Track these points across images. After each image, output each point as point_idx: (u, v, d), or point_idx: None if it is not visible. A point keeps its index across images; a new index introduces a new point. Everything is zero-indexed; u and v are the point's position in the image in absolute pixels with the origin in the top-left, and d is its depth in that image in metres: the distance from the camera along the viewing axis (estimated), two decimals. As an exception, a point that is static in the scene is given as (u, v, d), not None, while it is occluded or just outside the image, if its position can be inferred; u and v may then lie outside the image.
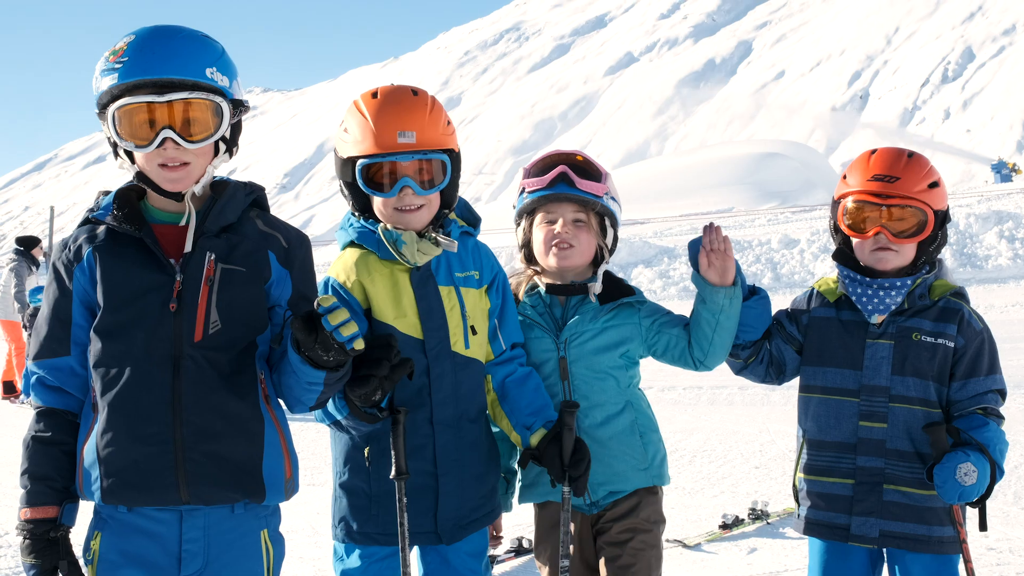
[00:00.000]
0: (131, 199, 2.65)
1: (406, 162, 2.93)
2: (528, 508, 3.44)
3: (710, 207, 45.99)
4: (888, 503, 3.18)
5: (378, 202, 2.98)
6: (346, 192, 3.04)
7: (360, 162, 2.94)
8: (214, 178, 2.69)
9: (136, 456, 2.50)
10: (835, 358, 3.28)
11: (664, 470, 3.36)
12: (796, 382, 3.46)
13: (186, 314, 2.54)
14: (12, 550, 6.06)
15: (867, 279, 3.25)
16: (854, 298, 3.28)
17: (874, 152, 3.32)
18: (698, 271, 3.25)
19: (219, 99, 2.57)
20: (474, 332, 3.06)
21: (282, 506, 2.77)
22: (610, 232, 3.35)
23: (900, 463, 3.18)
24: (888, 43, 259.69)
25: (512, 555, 5.59)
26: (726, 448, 8.09)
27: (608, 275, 3.37)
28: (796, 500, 3.38)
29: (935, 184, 3.23)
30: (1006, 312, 15.23)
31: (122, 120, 2.53)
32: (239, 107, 2.64)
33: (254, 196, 2.73)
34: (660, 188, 53.79)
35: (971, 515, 3.26)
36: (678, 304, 3.31)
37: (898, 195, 3.18)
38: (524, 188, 3.34)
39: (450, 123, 3.05)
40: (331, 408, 2.87)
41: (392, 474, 2.84)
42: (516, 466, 3.24)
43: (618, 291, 3.35)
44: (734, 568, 5.40)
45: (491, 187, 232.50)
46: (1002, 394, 3.23)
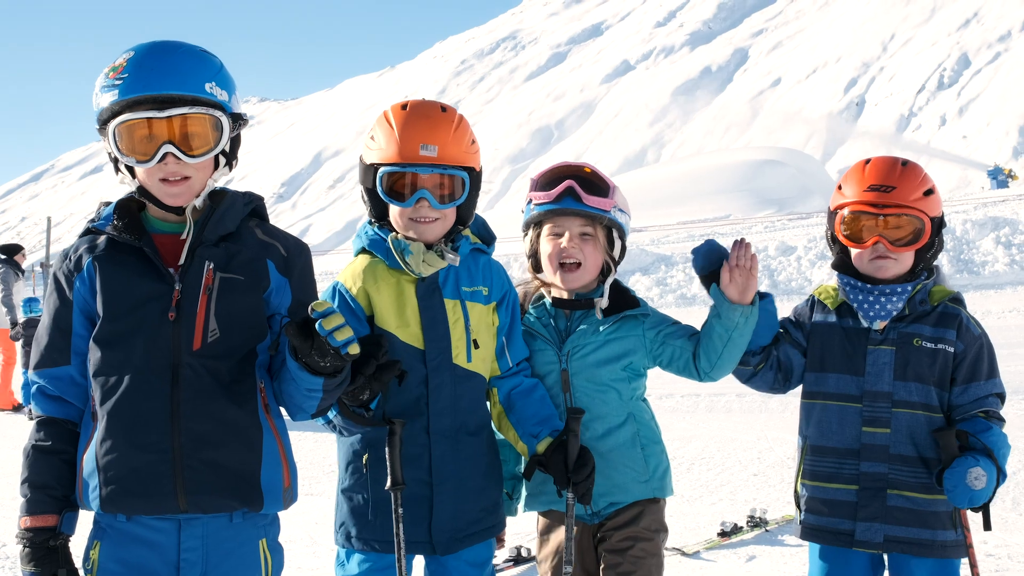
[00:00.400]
0: (131, 209, 2.67)
1: (425, 174, 2.98)
2: (528, 517, 3.44)
3: (707, 214, 45.97)
4: (892, 508, 3.19)
5: (394, 211, 3.03)
6: (365, 198, 3.10)
7: (381, 170, 3.01)
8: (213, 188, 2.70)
9: (135, 464, 2.50)
10: (837, 364, 3.29)
11: (666, 482, 3.36)
12: (796, 390, 3.47)
13: (185, 323, 2.55)
14: (11, 561, 6.05)
15: (868, 286, 3.27)
16: (855, 305, 3.29)
17: (868, 162, 3.34)
18: (704, 278, 3.25)
19: (219, 113, 2.59)
20: (476, 346, 3.07)
21: (281, 516, 2.77)
22: (617, 244, 3.35)
23: (903, 468, 3.19)
24: (884, 50, 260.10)
25: (511, 564, 5.59)
26: (724, 456, 8.09)
27: (615, 285, 3.36)
28: (797, 506, 3.38)
29: (930, 191, 3.26)
30: (1003, 318, 15.22)
31: (123, 136, 2.54)
32: (238, 120, 2.66)
33: (253, 205, 2.75)
34: (657, 196, 53.76)
35: (973, 518, 3.27)
36: (675, 312, 3.32)
37: (894, 204, 3.21)
38: (531, 200, 3.34)
39: (475, 142, 3.10)
40: None
41: (387, 484, 2.86)
42: (522, 476, 3.24)
43: (623, 302, 3.34)
44: None
45: (488, 195, 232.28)
46: (1001, 398, 3.26)
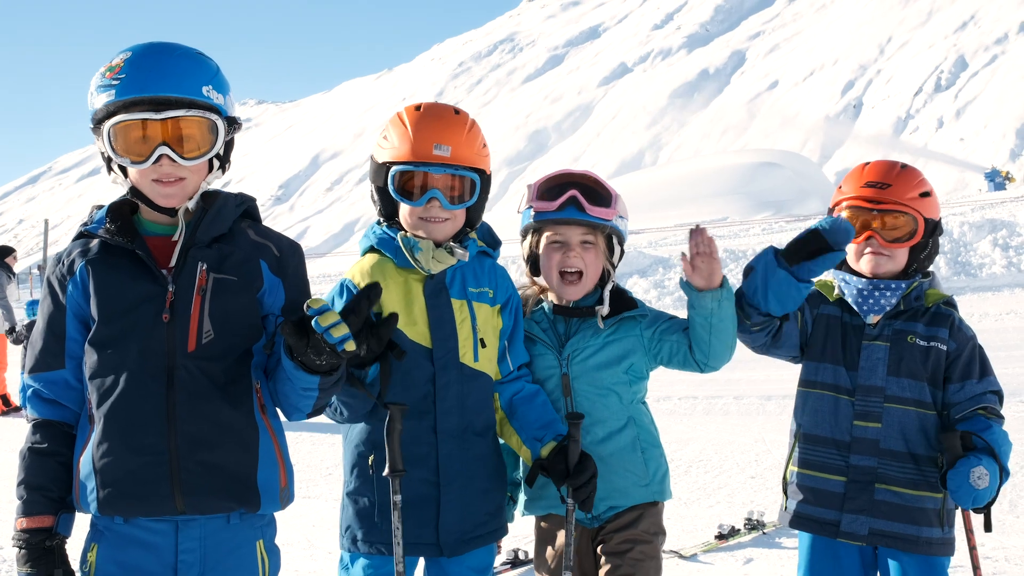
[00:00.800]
0: (124, 212, 2.66)
1: (438, 174, 3.00)
2: (526, 520, 3.44)
3: (704, 217, 46.02)
4: (879, 502, 3.22)
5: (405, 209, 3.04)
6: (375, 197, 3.10)
7: (394, 168, 3.01)
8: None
9: (132, 467, 2.50)
10: (834, 356, 3.34)
11: (665, 485, 3.36)
12: (794, 385, 3.48)
13: (179, 324, 2.54)
14: (8, 564, 6.04)
15: (863, 280, 3.32)
16: (850, 299, 3.34)
17: (868, 164, 3.42)
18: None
19: (214, 116, 2.59)
20: (484, 345, 3.07)
21: (278, 519, 2.77)
22: (617, 250, 3.36)
23: (893, 463, 3.22)
24: (881, 52, 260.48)
25: (508, 567, 5.58)
26: (722, 458, 8.09)
27: (613, 287, 3.36)
28: (784, 492, 3.42)
29: (927, 194, 3.31)
30: (1000, 320, 15.23)
31: (118, 136, 2.54)
32: (233, 124, 2.66)
33: (245, 207, 2.74)
34: (654, 198, 53.88)
35: (959, 523, 3.28)
36: (674, 314, 3.31)
37: (890, 201, 3.27)
38: (532, 207, 3.33)
39: (485, 146, 3.12)
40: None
41: (386, 471, 2.82)
42: (523, 481, 3.24)
43: (622, 305, 3.34)
44: (730, 578, 5.40)
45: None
46: (999, 395, 3.28)
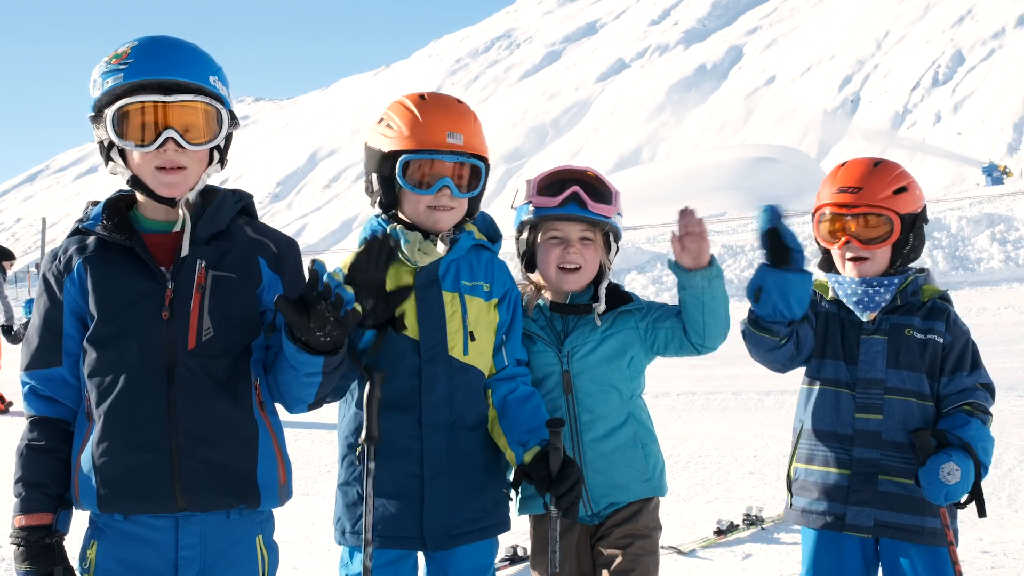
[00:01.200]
0: (120, 209, 2.66)
1: (450, 163, 3.00)
2: (524, 517, 3.43)
3: (703, 212, 45.77)
4: (883, 493, 3.24)
5: (412, 199, 3.01)
6: (377, 187, 3.05)
7: (404, 157, 2.98)
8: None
9: (132, 464, 2.50)
10: (835, 351, 3.37)
11: (663, 480, 3.37)
12: (792, 385, 3.48)
13: (179, 322, 2.54)
14: (7, 563, 6.04)
15: (854, 280, 3.36)
16: (844, 299, 3.38)
17: (843, 164, 3.46)
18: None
19: (220, 106, 2.61)
20: (473, 338, 3.05)
21: (276, 516, 2.76)
22: (613, 247, 3.37)
23: (895, 454, 3.24)
24: (878, 47, 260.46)
25: (507, 563, 5.59)
26: (720, 454, 8.09)
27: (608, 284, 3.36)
28: (789, 490, 3.43)
29: (902, 189, 3.34)
30: (998, 315, 15.25)
31: (123, 120, 2.53)
32: (233, 119, 2.67)
33: (243, 204, 2.74)
34: (653, 194, 53.83)
35: (962, 516, 3.29)
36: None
37: (863, 204, 3.31)
38: (531, 202, 3.32)
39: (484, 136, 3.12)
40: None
41: (361, 437, 2.77)
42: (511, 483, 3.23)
43: (616, 299, 3.35)
44: (729, 574, 5.40)
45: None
46: (989, 389, 3.30)
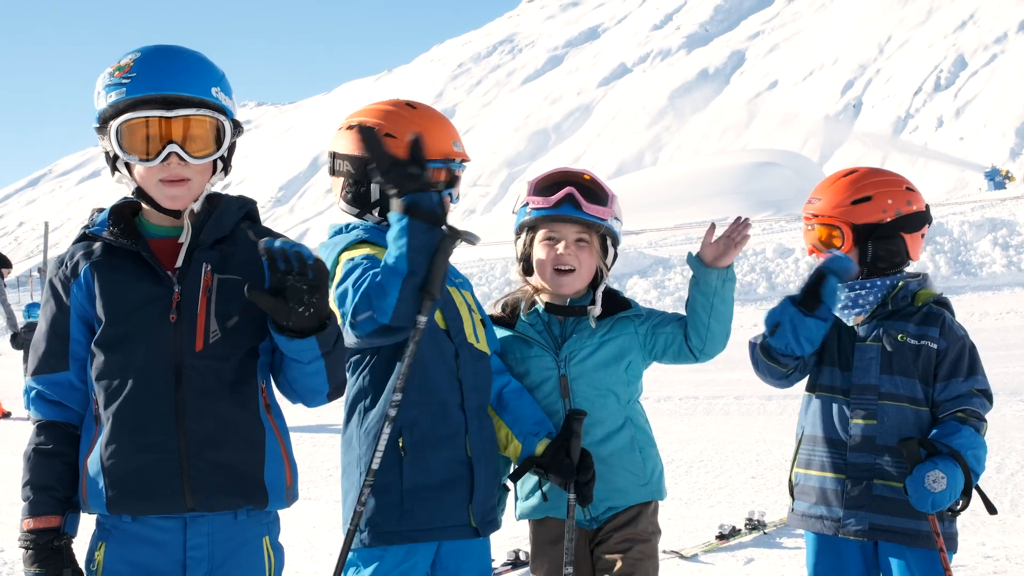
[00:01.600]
0: (126, 214, 2.68)
1: (454, 170, 3.07)
2: (525, 521, 3.43)
3: (705, 217, 45.95)
4: (878, 497, 3.29)
5: None
6: (375, 197, 3.04)
7: None
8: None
9: (141, 465, 2.51)
10: (831, 359, 3.43)
11: (662, 484, 3.38)
12: (791, 390, 3.52)
13: (186, 324, 2.56)
14: (9, 566, 6.05)
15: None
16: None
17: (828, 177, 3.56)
18: (697, 254, 3.27)
19: (222, 118, 2.62)
20: (485, 325, 3.12)
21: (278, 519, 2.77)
22: (611, 251, 3.37)
23: (890, 459, 3.28)
24: (881, 52, 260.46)
25: (509, 567, 5.59)
26: (722, 458, 8.10)
27: (605, 289, 3.38)
28: (791, 495, 3.49)
29: (864, 199, 3.40)
30: (1001, 319, 15.24)
31: (126, 134, 2.55)
32: (237, 127, 2.69)
33: (246, 209, 2.76)
34: (655, 199, 53.88)
35: (964, 520, 3.30)
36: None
37: (819, 214, 3.45)
38: (528, 203, 3.34)
39: None
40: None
41: (395, 390, 2.75)
42: (508, 480, 3.23)
43: (615, 305, 3.36)
44: (731, 578, 5.41)
45: (486, 199, 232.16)
46: (986, 394, 3.32)
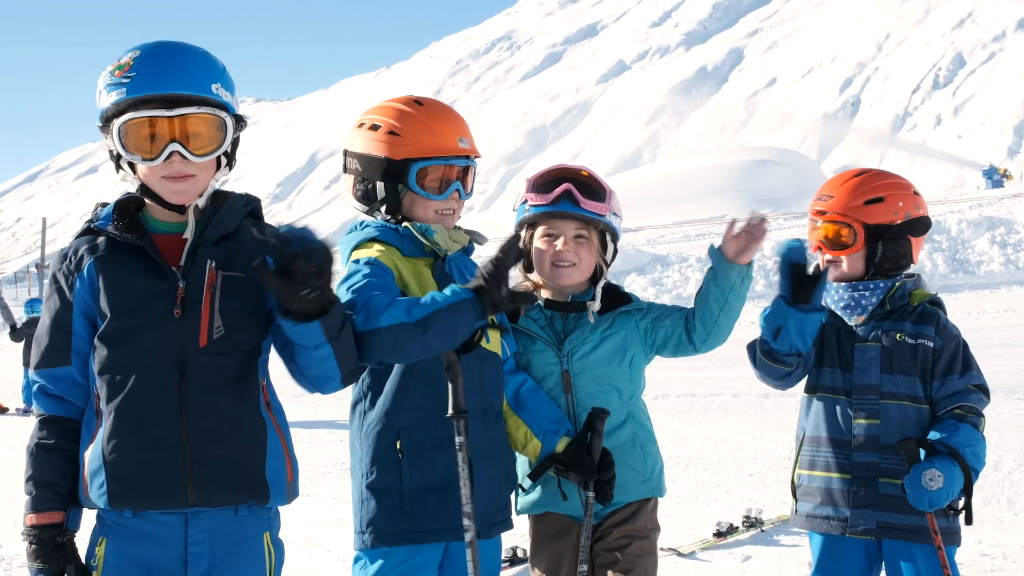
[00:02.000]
0: (130, 209, 2.67)
1: (460, 167, 3.05)
2: (523, 517, 3.43)
3: (703, 215, 46.03)
4: (884, 495, 3.31)
5: (423, 204, 3.02)
6: (382, 194, 3.03)
7: (420, 164, 2.98)
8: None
9: (143, 460, 2.51)
10: (832, 360, 3.45)
11: (662, 481, 3.40)
12: (791, 389, 3.54)
13: (190, 320, 2.56)
14: (6, 562, 6.04)
15: (841, 285, 3.46)
16: (833, 305, 3.47)
17: (837, 175, 3.58)
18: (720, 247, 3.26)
19: (223, 114, 2.61)
20: (494, 324, 3.07)
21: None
22: (610, 247, 3.38)
23: (894, 457, 3.29)
24: (879, 50, 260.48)
25: (507, 564, 5.59)
26: (720, 456, 8.11)
27: (605, 284, 3.38)
28: (794, 496, 3.50)
29: (876, 200, 3.41)
30: (998, 318, 15.26)
31: (128, 133, 2.55)
32: (239, 122, 2.68)
33: (251, 207, 2.77)
34: (653, 196, 53.95)
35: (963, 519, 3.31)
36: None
37: (831, 212, 3.45)
38: (527, 200, 3.35)
39: None
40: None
41: (450, 413, 2.79)
42: (527, 479, 3.25)
43: (616, 300, 3.37)
44: (729, 576, 5.41)
45: (484, 196, 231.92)
46: (982, 389, 3.35)
